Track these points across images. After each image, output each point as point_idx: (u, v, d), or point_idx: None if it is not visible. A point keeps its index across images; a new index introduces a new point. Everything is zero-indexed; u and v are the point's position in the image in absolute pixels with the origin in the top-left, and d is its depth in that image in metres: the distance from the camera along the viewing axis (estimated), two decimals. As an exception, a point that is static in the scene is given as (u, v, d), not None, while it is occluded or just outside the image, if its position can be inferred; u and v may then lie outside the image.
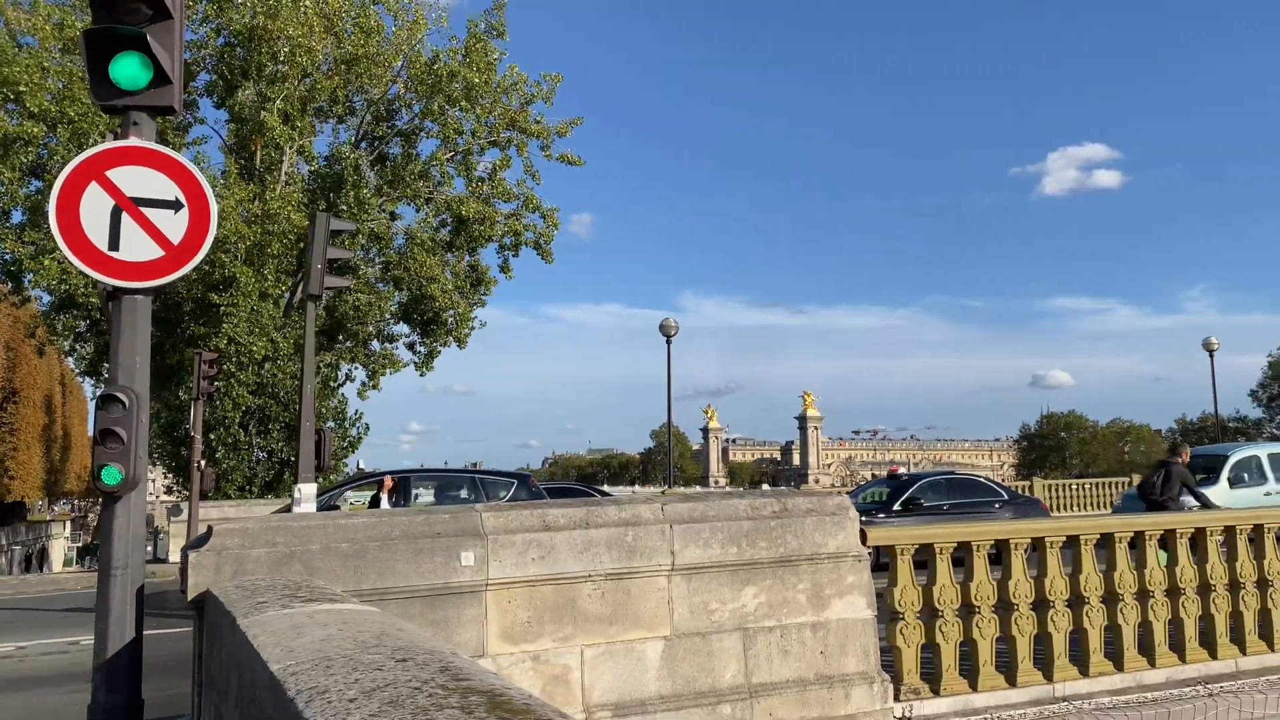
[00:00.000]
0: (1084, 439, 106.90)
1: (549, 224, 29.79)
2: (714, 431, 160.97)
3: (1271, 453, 18.57)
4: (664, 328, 32.32)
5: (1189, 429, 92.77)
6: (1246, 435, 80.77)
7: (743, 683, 5.47)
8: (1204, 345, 38.24)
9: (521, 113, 29.20)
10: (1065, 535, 6.77)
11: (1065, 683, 6.47)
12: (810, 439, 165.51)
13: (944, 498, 16.81)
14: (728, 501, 5.78)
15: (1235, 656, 7.16)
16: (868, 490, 18.51)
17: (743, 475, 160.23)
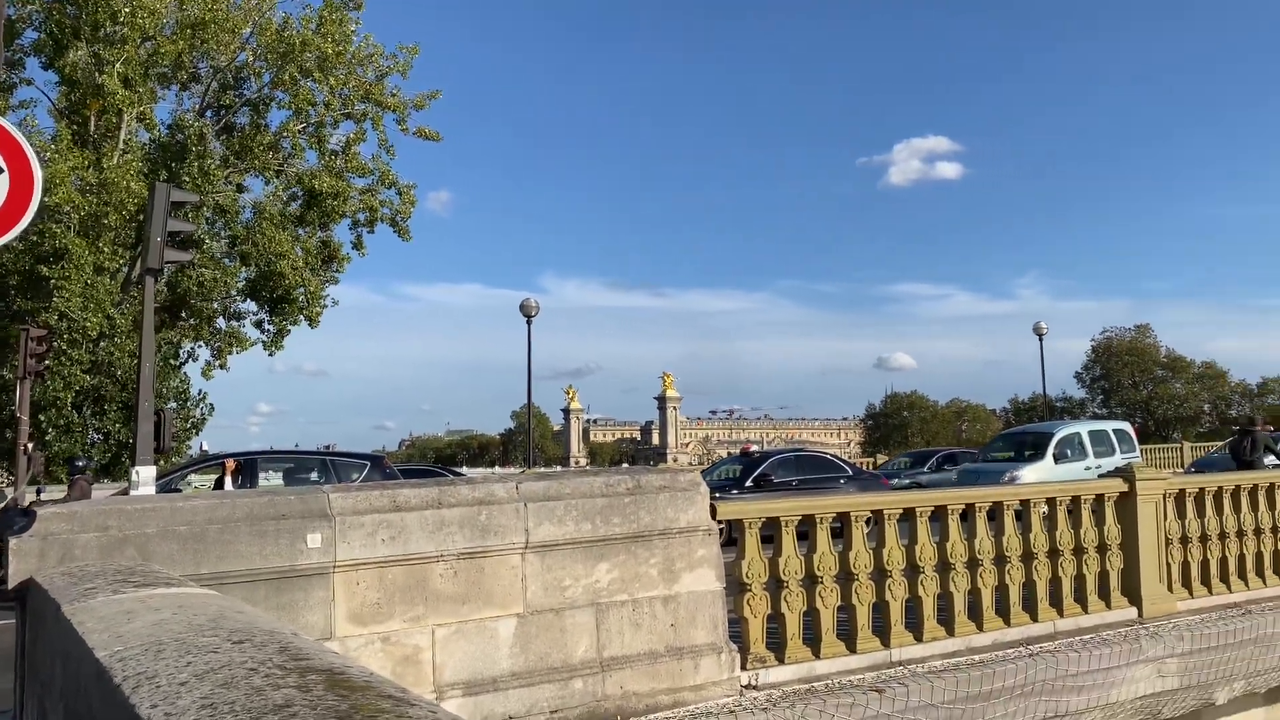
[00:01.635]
0: (925, 418, 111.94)
1: (405, 200, 29.19)
2: (575, 412, 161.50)
3: (1091, 430, 19.94)
4: (524, 308, 32.14)
5: (1020, 408, 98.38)
6: (1071, 414, 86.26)
7: (595, 657, 5.55)
8: (1034, 330, 40.63)
9: (377, 85, 28.44)
10: (902, 508, 7.11)
11: (901, 648, 6.82)
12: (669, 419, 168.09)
13: (793, 474, 17.38)
14: (583, 479, 5.84)
15: (1054, 619, 7.69)
16: (722, 468, 18.98)
17: (603, 455, 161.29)
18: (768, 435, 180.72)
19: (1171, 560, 8.51)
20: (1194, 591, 8.63)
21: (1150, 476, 8.38)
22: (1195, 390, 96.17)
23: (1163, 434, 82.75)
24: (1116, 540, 8.16)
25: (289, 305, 28.27)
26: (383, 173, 28.77)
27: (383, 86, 28.56)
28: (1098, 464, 18.18)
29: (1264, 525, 9.21)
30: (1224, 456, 25.01)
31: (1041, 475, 17.52)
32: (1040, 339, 40.66)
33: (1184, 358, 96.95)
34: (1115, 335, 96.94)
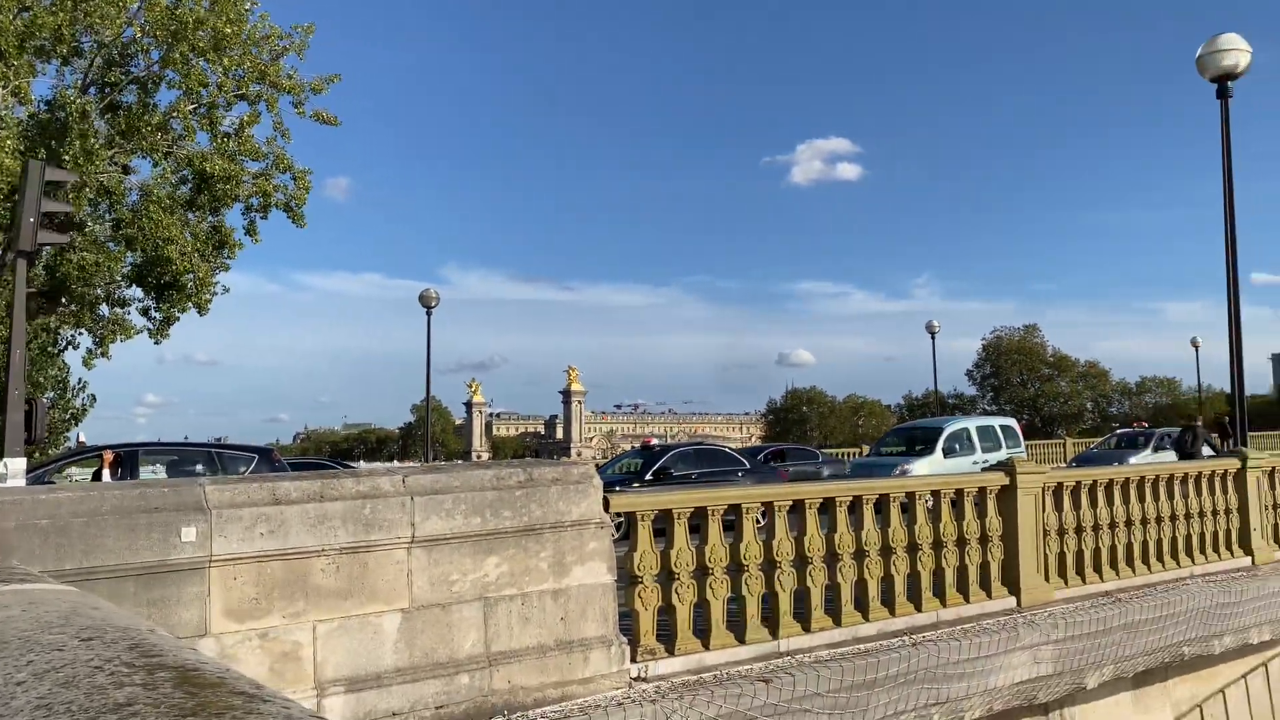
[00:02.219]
0: (823, 413, 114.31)
1: (301, 186, 28.37)
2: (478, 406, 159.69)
3: (979, 425, 20.61)
4: (424, 298, 31.66)
5: (914, 404, 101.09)
6: (963, 410, 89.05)
7: (482, 652, 5.49)
8: (927, 328, 41.82)
9: (272, 66, 27.54)
10: (791, 500, 7.22)
11: (789, 638, 6.92)
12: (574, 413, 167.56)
13: (692, 467, 17.52)
14: (472, 472, 5.77)
15: (937, 609, 7.91)
16: (622, 461, 19.02)
17: (507, 449, 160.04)
18: (672, 430, 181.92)
19: (1049, 551, 8.83)
20: (1069, 581, 8.97)
21: (1030, 470, 8.67)
22: (1079, 389, 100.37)
23: (1048, 430, 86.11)
24: (998, 532, 8.44)
25: (177, 292, 27.19)
26: (277, 157, 27.89)
27: (279, 68, 27.68)
28: (985, 458, 18.77)
29: (1134, 518, 9.64)
30: (1103, 452, 26.26)
31: (931, 469, 18.05)
32: (933, 337, 41.90)
33: (1069, 357, 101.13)
34: (1005, 335, 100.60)
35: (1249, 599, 9.79)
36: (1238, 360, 13.27)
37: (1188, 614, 9.11)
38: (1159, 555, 9.82)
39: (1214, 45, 13.39)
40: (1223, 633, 9.49)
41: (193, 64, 25.76)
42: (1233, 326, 13.17)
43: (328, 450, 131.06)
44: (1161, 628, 8.88)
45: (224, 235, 28.38)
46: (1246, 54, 13.34)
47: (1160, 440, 25.88)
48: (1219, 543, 10.47)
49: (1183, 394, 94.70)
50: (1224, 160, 13.33)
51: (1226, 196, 13.28)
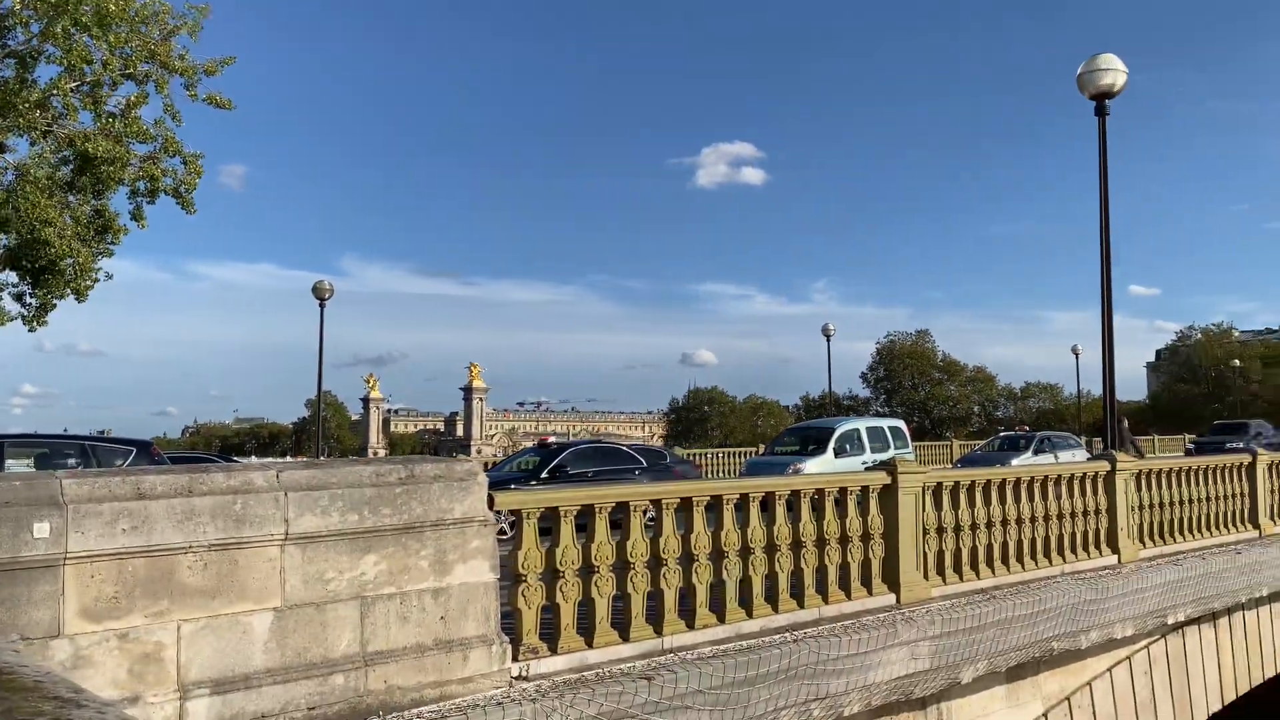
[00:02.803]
0: (724, 413, 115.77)
1: (191, 170, 27.36)
2: (375, 401, 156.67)
3: (869, 426, 21.11)
4: (317, 290, 30.90)
5: (811, 405, 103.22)
6: (857, 411, 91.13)
7: (358, 651, 5.37)
8: (823, 332, 42.67)
9: (163, 45, 26.51)
10: (680, 497, 7.26)
11: (673, 636, 6.96)
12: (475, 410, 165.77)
13: (589, 465, 17.51)
14: (352, 468, 5.64)
15: (819, 605, 8.05)
16: (519, 459, 18.91)
17: (405, 446, 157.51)
18: (574, 428, 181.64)
19: (928, 549, 9.08)
20: (947, 579, 9.23)
21: (911, 470, 8.90)
22: (967, 392, 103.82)
23: (937, 432, 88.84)
24: (879, 530, 8.64)
25: (54, 277, 25.94)
26: (167, 139, 26.83)
27: (169, 47, 26.64)
28: (874, 458, 19.23)
29: (1010, 517, 9.97)
30: (986, 454, 27.20)
31: (822, 468, 18.43)
32: (829, 340, 42.78)
33: (958, 362, 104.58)
34: (898, 339, 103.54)
35: (1115, 596, 10.23)
36: (1110, 368, 13.88)
37: (1058, 610, 9.48)
38: (1032, 554, 10.18)
39: (1093, 65, 13.97)
40: (1090, 628, 9.90)
41: (75, 39, 24.63)
42: (1106, 336, 13.77)
43: (218, 445, 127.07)
44: (1033, 624, 9.22)
45: (107, 219, 27.19)
46: (1123, 74, 13.95)
47: (1040, 443, 26.92)
48: (1088, 542, 10.91)
49: (1064, 399, 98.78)
50: (1101, 175, 13.92)
51: (1102, 210, 13.87)
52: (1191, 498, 12.63)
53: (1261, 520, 13.64)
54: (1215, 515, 13.02)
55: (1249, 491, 13.59)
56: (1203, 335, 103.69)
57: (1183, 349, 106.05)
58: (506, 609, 6.22)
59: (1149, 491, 11.91)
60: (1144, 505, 11.81)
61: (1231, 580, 12.09)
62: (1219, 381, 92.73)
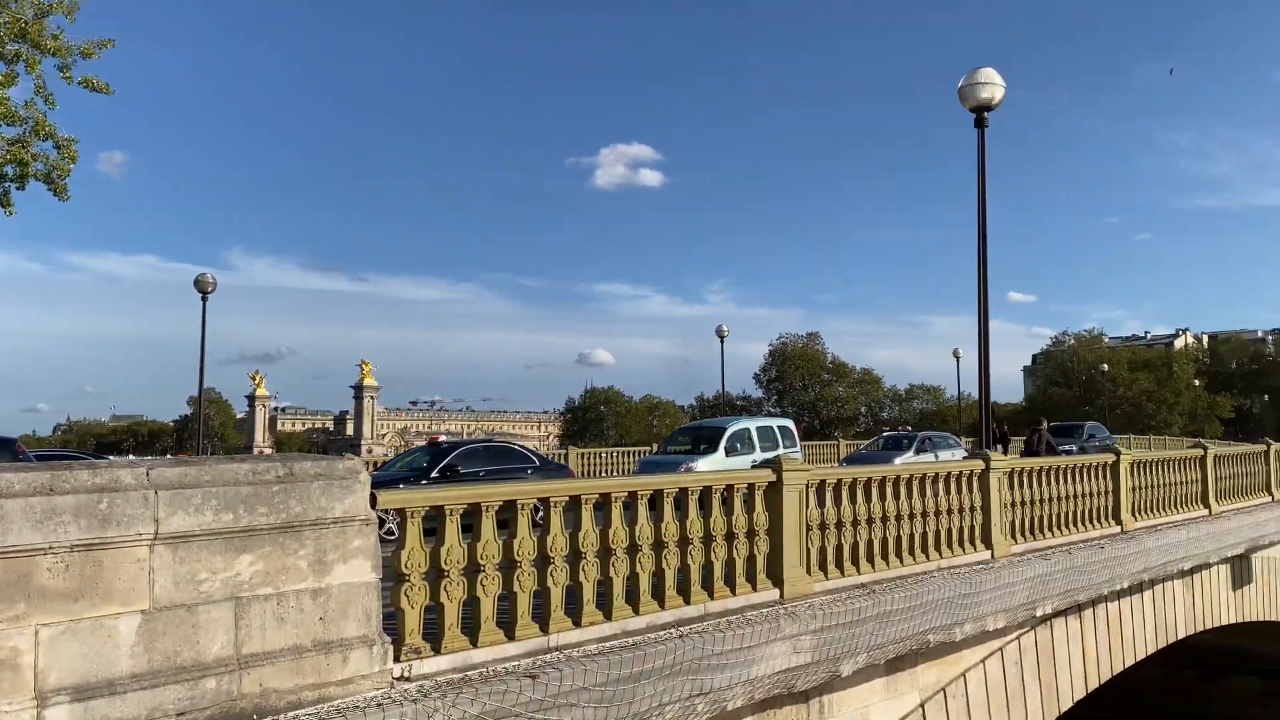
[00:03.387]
0: (620, 413, 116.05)
1: (65, 155, 26.01)
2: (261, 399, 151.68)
3: (759, 425, 21.47)
4: (200, 283, 29.82)
5: (705, 405, 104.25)
6: (750, 411, 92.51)
7: (232, 654, 5.22)
8: (717, 333, 43.20)
9: (35, 24, 25.22)
10: (568, 495, 7.26)
11: (560, 633, 6.96)
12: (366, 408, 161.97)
13: (481, 464, 17.34)
14: (227, 466, 5.47)
15: (705, 601, 8.15)
16: (408, 458, 18.60)
17: (292, 445, 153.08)
18: (469, 427, 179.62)
19: (811, 545, 9.28)
20: (829, 574, 9.45)
21: (795, 468, 9.08)
22: (854, 393, 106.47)
23: (826, 432, 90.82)
24: (764, 527, 8.79)
25: (-91, 265, 24.48)
26: (37, 122, 25.49)
27: (41, 26, 25.36)
28: (763, 457, 19.56)
29: (890, 514, 10.26)
30: (870, 453, 27.92)
31: (713, 467, 18.67)
32: (723, 341, 43.31)
33: (846, 364, 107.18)
34: (790, 341, 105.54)
35: (988, 589, 10.64)
36: (985, 371, 14.42)
37: (934, 604, 9.81)
38: (911, 549, 10.50)
39: (973, 78, 14.50)
40: (964, 620, 10.28)
41: (-63, 14, 23.27)
42: (982, 340, 14.31)
43: (93, 444, 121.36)
44: (911, 617, 9.52)
45: (-31, 205, 25.77)
46: (1001, 88, 14.52)
47: (922, 443, 27.80)
48: (964, 538, 11.31)
49: (945, 401, 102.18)
50: (979, 185, 14.45)
51: (980, 219, 14.41)
52: (1059, 495, 13.21)
53: (1124, 516, 14.36)
54: (1081, 512, 13.64)
55: (1112, 489, 14.29)
56: (1075, 341, 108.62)
57: (1057, 354, 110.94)
58: (390, 609, 6.13)
59: (1020, 489, 12.42)
60: (1016, 503, 12.31)
61: (1095, 573, 12.71)
62: (1090, 385, 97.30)
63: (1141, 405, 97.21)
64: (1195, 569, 15.83)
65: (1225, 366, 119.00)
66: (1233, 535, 16.68)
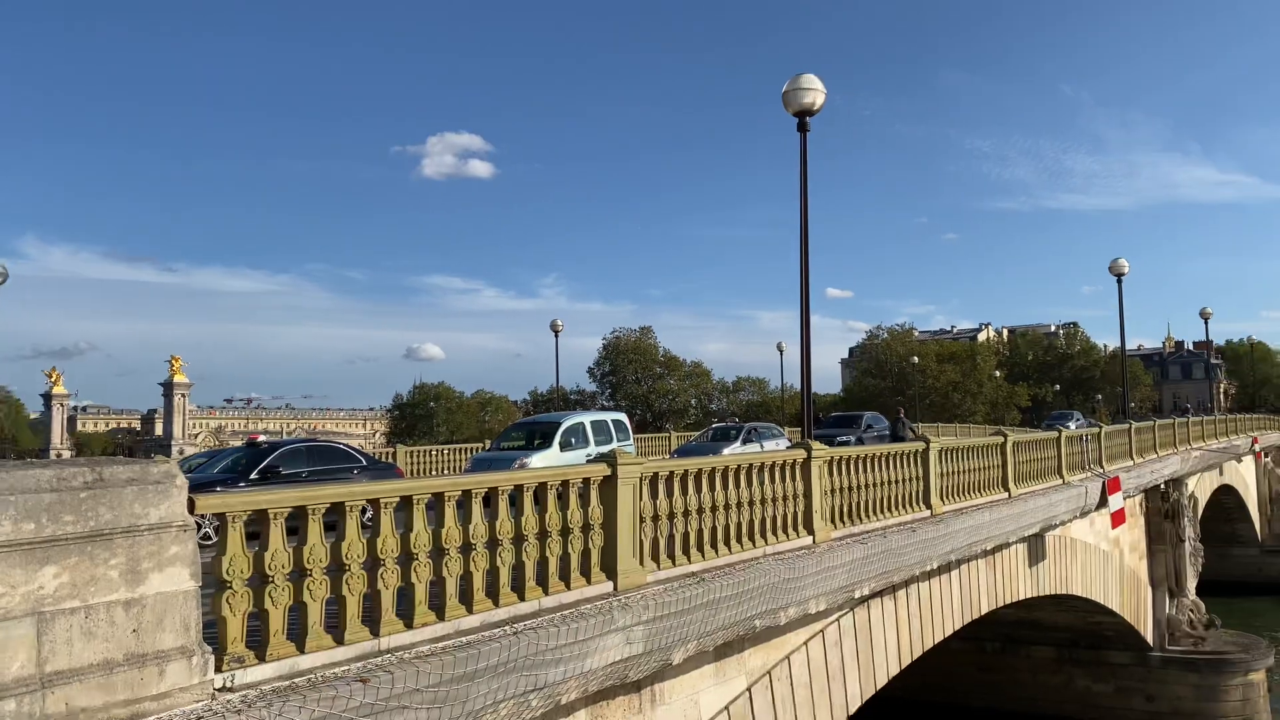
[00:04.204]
0: (450, 409, 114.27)
1: None
2: (59, 398, 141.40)
3: (593, 420, 21.61)
4: (-14, 274, 27.48)
5: (539, 400, 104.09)
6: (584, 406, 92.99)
7: (34, 673, 4.88)
8: (551, 327, 43.20)
9: None
10: (400, 496, 7.14)
11: (391, 636, 6.84)
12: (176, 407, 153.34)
13: (304, 465, 16.77)
14: (26, 471, 5.10)
15: (540, 597, 8.17)
16: (225, 458, 17.76)
17: (94, 447, 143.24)
18: (289, 425, 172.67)
19: (645, 537, 9.44)
20: (661, 564, 9.64)
21: (629, 462, 9.22)
22: (685, 386, 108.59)
23: (658, 425, 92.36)
24: (599, 521, 8.88)
25: None
26: None
27: None
28: (598, 451, 19.73)
29: (719, 503, 10.56)
30: (700, 445, 28.59)
31: (548, 462, 18.68)
32: (556, 336, 43.35)
33: (677, 358, 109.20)
34: (623, 335, 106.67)
35: (810, 574, 11.11)
36: (807, 363, 15.03)
37: (760, 590, 10.17)
38: (739, 537, 10.83)
39: (796, 83, 15.06)
40: (789, 605, 10.70)
41: None
42: (804, 334, 14.91)
43: None
44: (739, 603, 9.84)
45: None
46: (822, 94, 15.14)
47: (748, 434, 28.64)
48: (788, 524, 11.76)
49: (770, 392, 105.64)
50: (801, 186, 15.03)
51: (803, 218, 15.00)
52: (876, 482, 13.92)
53: (933, 500, 15.27)
54: (896, 497, 14.42)
55: (923, 475, 15.17)
56: (889, 335, 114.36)
57: (872, 347, 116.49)
58: (211, 618, 5.87)
59: (840, 477, 13.01)
60: (836, 489, 12.89)
61: (909, 556, 13.47)
62: (902, 376, 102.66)
63: (948, 395, 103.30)
64: (997, 548, 17.01)
65: (1022, 358, 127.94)
66: (1030, 516, 18.00)
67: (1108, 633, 24.68)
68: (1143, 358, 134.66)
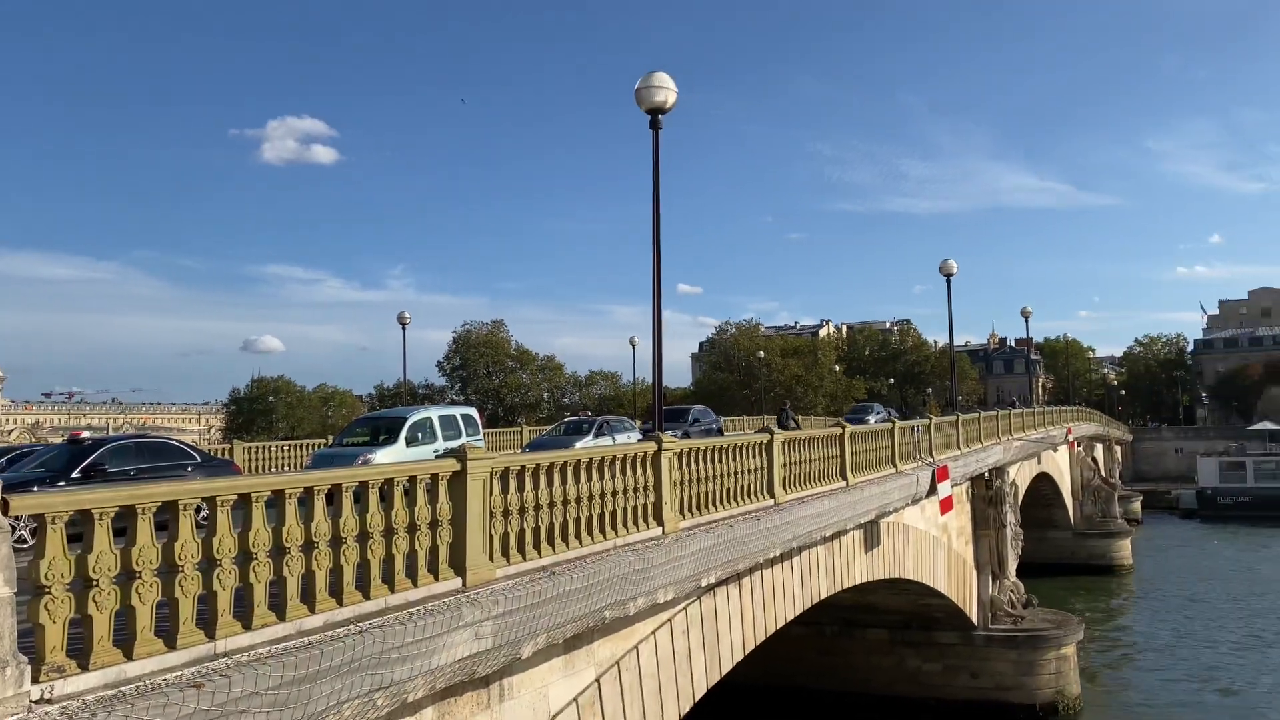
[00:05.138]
0: (291, 404, 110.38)
1: None
2: None
3: (441, 414, 21.27)
4: None
5: (386, 395, 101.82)
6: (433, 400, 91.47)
7: None
8: (398, 319, 42.26)
9: None
10: (237, 494, 6.87)
11: (228, 638, 6.58)
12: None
13: (132, 463, 15.88)
14: None
15: (386, 595, 8.01)
16: (44, 456, 16.64)
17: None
18: (115, 421, 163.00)
19: (495, 532, 9.38)
20: (512, 559, 9.60)
21: (479, 457, 9.14)
22: (538, 380, 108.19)
23: (510, 419, 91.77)
24: (448, 516, 8.77)
25: None
26: None
27: None
28: (446, 446, 19.42)
29: (570, 497, 10.60)
30: (552, 439, 28.58)
31: (394, 458, 18.26)
32: (404, 328, 42.45)
33: (530, 351, 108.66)
34: (474, 329, 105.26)
35: (659, 565, 11.30)
36: (658, 357, 15.24)
37: (610, 582, 10.27)
38: (589, 530, 10.89)
39: (648, 82, 15.22)
40: (637, 595, 10.85)
41: None
42: (656, 328, 15.10)
43: None
44: (588, 595, 9.91)
45: None
46: (674, 93, 15.34)
47: (600, 427, 28.79)
48: (638, 516, 11.90)
49: (623, 386, 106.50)
50: (654, 182, 15.21)
51: (655, 214, 15.18)
52: (723, 473, 14.25)
53: (777, 490, 15.74)
54: (741, 488, 14.80)
55: (767, 466, 15.62)
56: (736, 330, 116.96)
57: (720, 341, 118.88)
58: (28, 626, 5.51)
59: (689, 468, 13.26)
60: (684, 480, 13.13)
61: (753, 544, 13.86)
62: (749, 370, 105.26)
63: (792, 388, 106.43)
64: (836, 535, 17.70)
65: (860, 353, 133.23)
66: (866, 504, 18.81)
67: (937, 614, 26.05)
68: (970, 354, 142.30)
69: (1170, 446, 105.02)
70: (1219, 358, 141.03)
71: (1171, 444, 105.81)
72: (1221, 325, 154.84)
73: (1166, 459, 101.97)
